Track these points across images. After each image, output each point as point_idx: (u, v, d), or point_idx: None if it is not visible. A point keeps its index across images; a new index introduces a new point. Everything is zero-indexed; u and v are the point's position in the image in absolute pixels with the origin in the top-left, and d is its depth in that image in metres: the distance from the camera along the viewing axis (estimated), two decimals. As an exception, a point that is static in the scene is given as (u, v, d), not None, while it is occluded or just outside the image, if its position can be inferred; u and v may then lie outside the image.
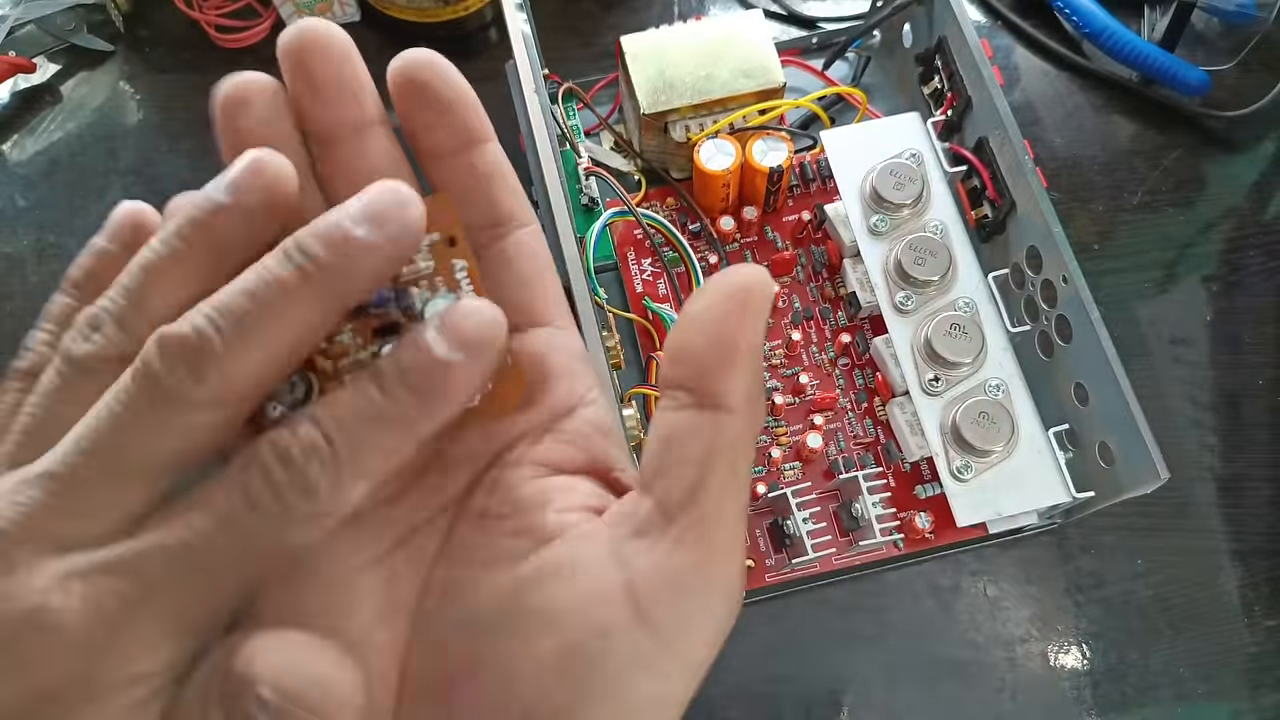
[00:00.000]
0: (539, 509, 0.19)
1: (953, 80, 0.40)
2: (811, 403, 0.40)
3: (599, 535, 0.18)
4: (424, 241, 0.19)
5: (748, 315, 0.17)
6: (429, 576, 0.19)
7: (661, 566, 0.17)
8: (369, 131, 0.20)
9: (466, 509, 0.19)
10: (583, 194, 0.43)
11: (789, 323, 0.42)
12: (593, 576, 0.17)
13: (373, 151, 0.20)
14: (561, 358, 0.20)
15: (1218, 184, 0.46)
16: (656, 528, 0.17)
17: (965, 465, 0.35)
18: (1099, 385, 0.35)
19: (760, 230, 0.44)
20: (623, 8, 0.51)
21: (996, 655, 0.38)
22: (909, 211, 0.38)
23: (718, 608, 0.17)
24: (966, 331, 0.36)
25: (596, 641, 0.16)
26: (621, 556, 0.17)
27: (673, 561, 0.17)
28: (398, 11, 0.49)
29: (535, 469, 0.19)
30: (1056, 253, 0.36)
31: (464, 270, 0.19)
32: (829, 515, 0.39)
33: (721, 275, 0.17)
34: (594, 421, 0.20)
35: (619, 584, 0.17)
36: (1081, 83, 0.49)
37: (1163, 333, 0.43)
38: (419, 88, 0.19)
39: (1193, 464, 0.41)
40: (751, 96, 0.41)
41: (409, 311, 0.19)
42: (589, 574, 0.17)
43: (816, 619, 0.38)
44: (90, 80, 0.50)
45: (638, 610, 0.17)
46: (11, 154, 0.48)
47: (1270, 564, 0.39)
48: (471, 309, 0.17)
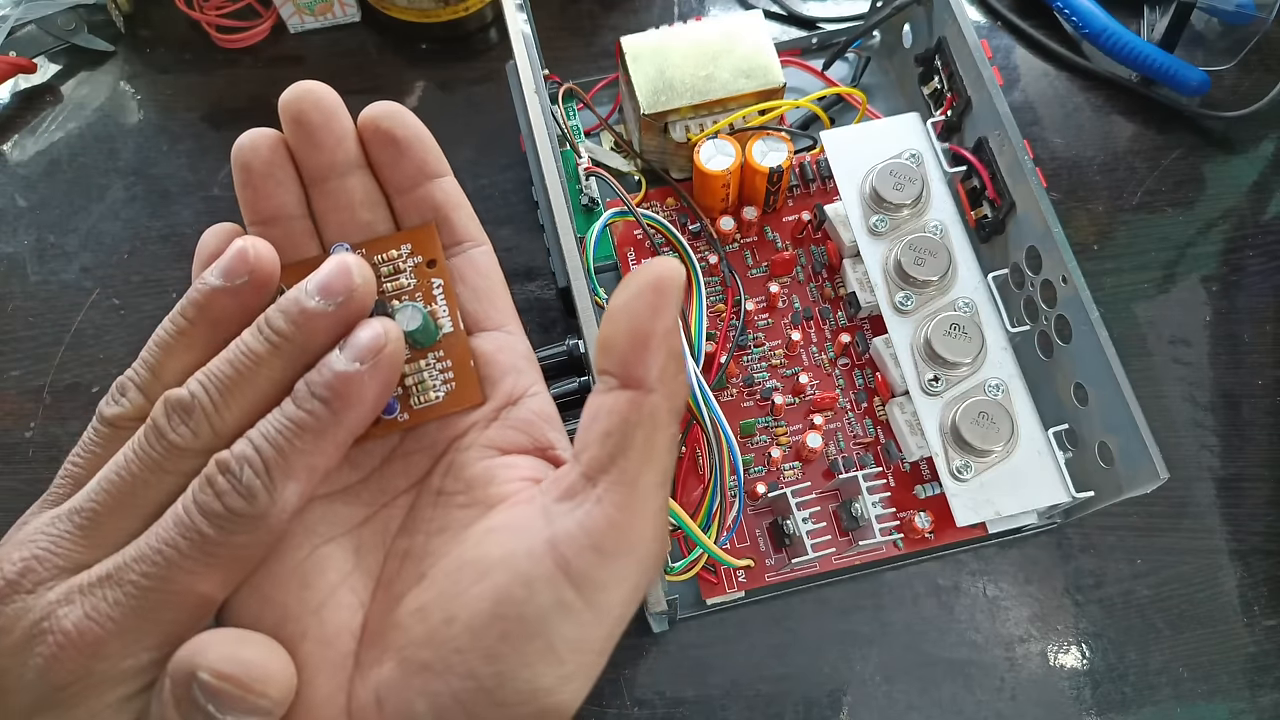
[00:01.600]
0: (485, 484, 0.22)
1: (952, 81, 0.40)
2: (811, 403, 0.40)
3: (533, 500, 0.21)
4: (409, 264, 0.24)
5: (660, 306, 0.19)
6: (392, 546, 0.23)
7: (582, 524, 0.19)
8: (352, 173, 0.24)
9: (426, 488, 0.23)
10: (583, 194, 0.43)
11: (789, 323, 0.42)
12: (522, 532, 0.20)
13: (355, 188, 0.24)
14: (509, 357, 0.24)
15: (1217, 184, 0.46)
16: (581, 491, 0.20)
17: (965, 465, 0.35)
18: (1099, 385, 0.35)
19: (760, 230, 0.44)
20: (623, 8, 0.51)
21: (996, 655, 0.38)
22: (909, 212, 0.38)
23: (633, 564, 0.20)
24: (966, 331, 0.36)
25: (521, 588, 0.19)
26: (549, 516, 0.20)
27: (593, 519, 0.19)
28: (398, 12, 0.49)
29: (484, 451, 0.23)
30: (1056, 253, 0.36)
31: (440, 287, 0.24)
32: (829, 515, 0.39)
33: (637, 271, 0.20)
34: (536, 410, 0.24)
35: (544, 539, 0.20)
36: (1081, 83, 0.49)
37: (1163, 333, 0.43)
38: (382, 132, 0.24)
39: (1192, 464, 0.41)
40: (751, 97, 0.41)
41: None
42: (518, 530, 0.20)
43: (816, 619, 0.38)
44: (91, 80, 0.50)
45: (560, 562, 0.19)
46: (12, 154, 0.48)
47: (1270, 564, 0.39)
48: (366, 326, 0.21)
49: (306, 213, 0.24)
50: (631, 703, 0.37)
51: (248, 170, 0.23)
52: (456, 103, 0.49)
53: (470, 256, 0.25)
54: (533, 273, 0.45)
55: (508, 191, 0.47)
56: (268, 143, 0.23)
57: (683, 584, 0.37)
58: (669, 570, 0.35)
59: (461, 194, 0.25)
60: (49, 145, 0.49)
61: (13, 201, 0.47)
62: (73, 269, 0.46)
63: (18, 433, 0.42)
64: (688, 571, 0.36)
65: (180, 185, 0.47)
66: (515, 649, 0.19)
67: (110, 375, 0.43)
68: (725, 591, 0.37)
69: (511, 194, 0.47)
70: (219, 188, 0.47)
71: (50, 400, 0.43)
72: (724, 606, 0.38)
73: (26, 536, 0.20)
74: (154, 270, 0.46)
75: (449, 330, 0.24)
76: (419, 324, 0.23)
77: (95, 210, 0.47)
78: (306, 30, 0.50)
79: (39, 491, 0.21)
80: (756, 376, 0.41)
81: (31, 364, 0.44)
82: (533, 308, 0.44)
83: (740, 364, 0.41)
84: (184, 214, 0.47)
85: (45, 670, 0.19)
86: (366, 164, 0.24)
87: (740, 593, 0.37)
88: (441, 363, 0.24)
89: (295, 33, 0.50)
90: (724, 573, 0.38)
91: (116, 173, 0.48)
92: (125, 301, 0.45)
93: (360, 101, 0.25)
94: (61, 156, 0.48)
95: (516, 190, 0.47)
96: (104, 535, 0.20)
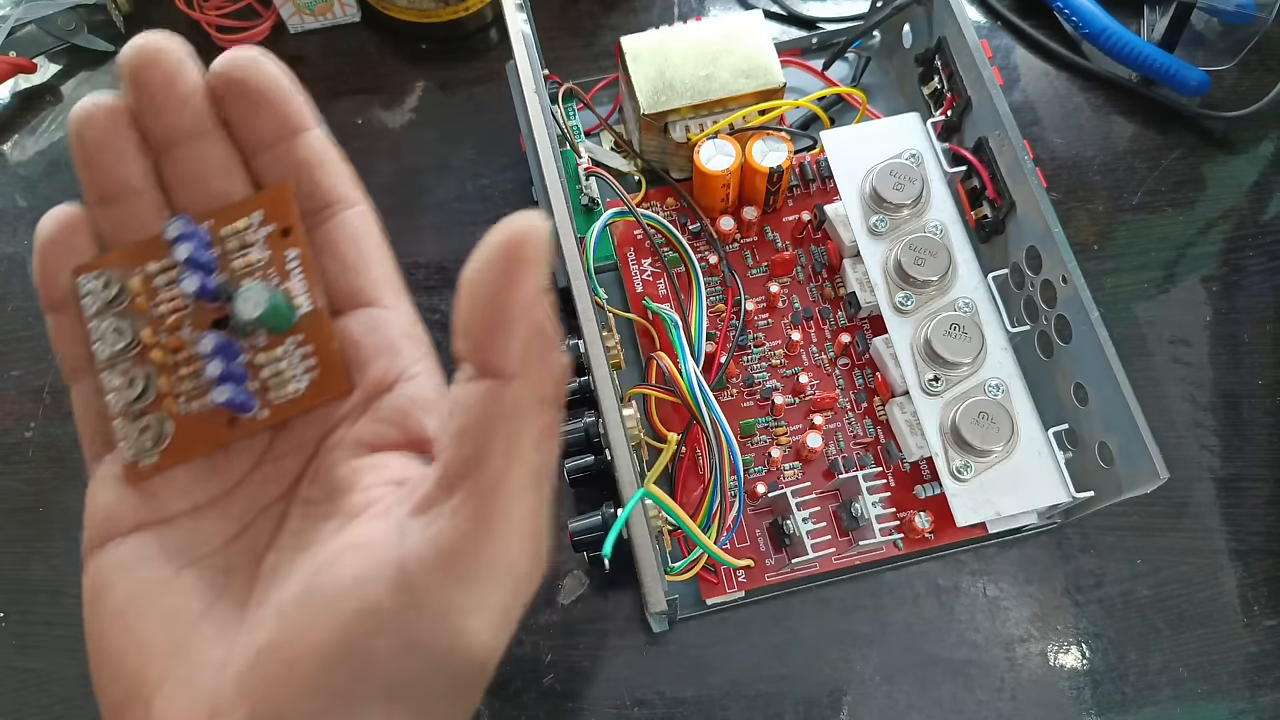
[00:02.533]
0: (348, 490, 0.19)
1: (952, 81, 0.40)
2: (811, 403, 0.40)
3: (389, 511, 0.18)
4: (260, 234, 0.21)
5: (519, 273, 0.16)
6: (262, 564, 0.20)
7: (434, 543, 0.16)
8: (204, 136, 0.21)
9: (295, 496, 0.20)
10: (583, 194, 0.43)
11: (789, 323, 0.42)
12: (371, 554, 0.17)
13: (208, 153, 0.21)
14: (380, 337, 0.21)
15: (1217, 184, 0.46)
16: (437, 502, 0.17)
17: (965, 465, 0.35)
18: (1099, 385, 0.35)
19: (760, 230, 0.44)
20: (623, 8, 0.51)
21: (996, 655, 0.38)
22: (909, 212, 0.38)
23: (491, 591, 0.17)
24: (966, 331, 0.36)
25: (368, 621, 0.16)
26: (401, 533, 0.17)
27: (445, 536, 0.16)
28: (398, 12, 0.49)
29: (352, 450, 0.20)
30: (1056, 253, 0.36)
31: (296, 259, 0.21)
32: (829, 515, 0.39)
33: (492, 231, 0.16)
34: (413, 396, 0.20)
35: (392, 562, 0.17)
36: (1081, 83, 0.49)
37: (1163, 333, 0.43)
38: (234, 84, 0.20)
39: (1192, 464, 0.41)
40: (751, 97, 0.41)
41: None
42: (368, 552, 0.17)
43: (816, 619, 0.38)
44: (91, 81, 0.50)
45: (407, 589, 0.16)
46: (12, 154, 0.48)
47: (1270, 564, 0.39)
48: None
49: (155, 184, 0.21)
50: (631, 703, 0.37)
51: (82, 143, 0.20)
52: (456, 103, 0.49)
53: (341, 220, 0.21)
54: (533, 273, 0.45)
55: (508, 191, 0.47)
56: (104, 110, 0.20)
57: (683, 584, 0.37)
58: (669, 570, 0.35)
59: (330, 148, 0.22)
60: (49, 145, 0.49)
61: (13, 201, 0.47)
62: (73, 269, 0.46)
63: (18, 433, 0.42)
64: (688, 571, 0.36)
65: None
66: (362, 690, 0.16)
67: (110, 375, 0.43)
68: (725, 591, 0.37)
69: (511, 194, 0.47)
70: (219, 188, 0.47)
71: (50, 400, 0.43)
72: (724, 606, 0.38)
73: None
74: (154, 270, 0.45)
75: (307, 309, 0.21)
76: (265, 307, 0.20)
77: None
78: (306, 30, 0.50)
79: (39, 491, 0.21)
80: (756, 376, 0.41)
81: (31, 364, 0.44)
82: (533, 308, 0.44)
83: (740, 364, 0.41)
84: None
85: None
86: (222, 125, 0.21)
87: (740, 593, 0.37)
88: (302, 348, 0.20)
89: (295, 33, 0.50)
90: (724, 573, 0.38)
91: (116, 173, 0.48)
92: (125, 301, 0.45)
93: (360, 102, 0.24)
94: (61, 156, 0.48)
95: (516, 190, 0.47)
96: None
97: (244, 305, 0.20)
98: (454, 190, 0.47)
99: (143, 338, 0.21)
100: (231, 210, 0.21)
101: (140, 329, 0.21)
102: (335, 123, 0.46)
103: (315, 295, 0.21)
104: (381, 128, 0.48)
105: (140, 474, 0.21)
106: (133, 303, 0.21)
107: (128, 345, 0.21)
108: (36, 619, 0.39)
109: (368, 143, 0.47)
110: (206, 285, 0.20)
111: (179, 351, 0.21)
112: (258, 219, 0.21)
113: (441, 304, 0.44)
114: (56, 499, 0.39)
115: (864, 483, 0.36)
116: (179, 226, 0.20)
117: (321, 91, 0.49)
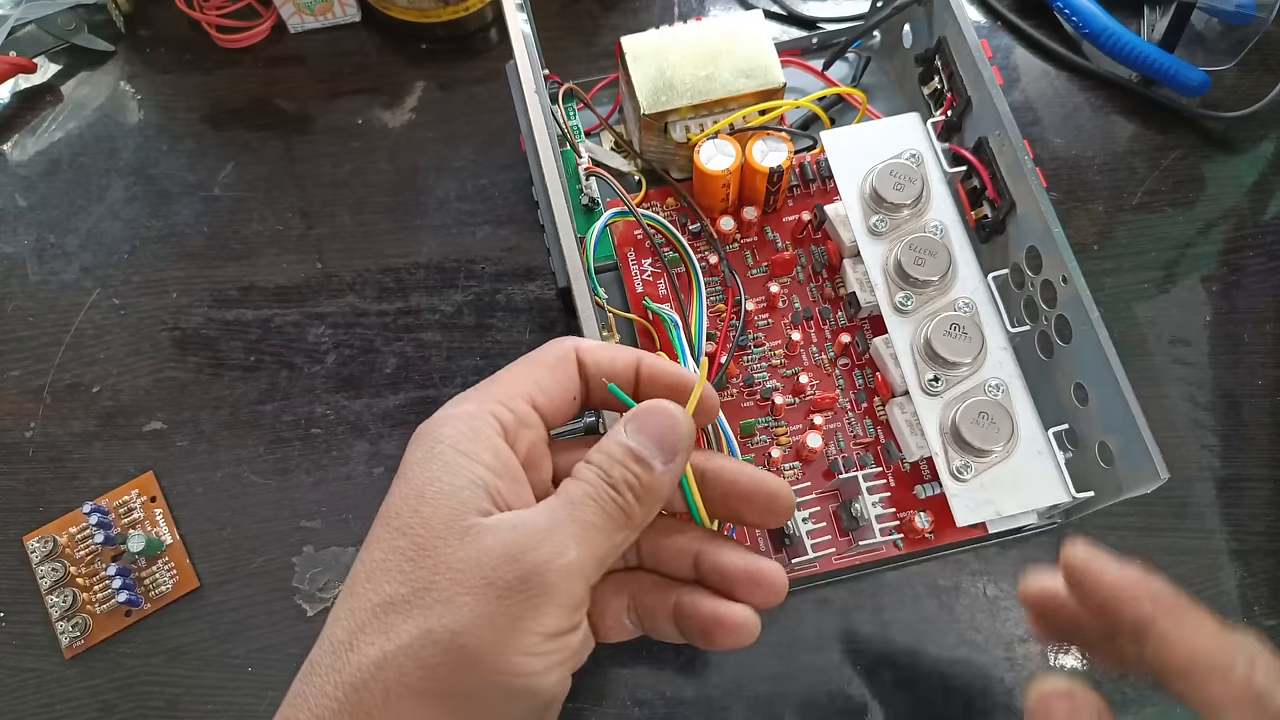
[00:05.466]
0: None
1: (952, 81, 0.40)
2: (811, 403, 0.40)
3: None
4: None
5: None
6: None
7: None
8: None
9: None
10: (583, 194, 0.43)
11: (789, 323, 0.42)
12: None
13: None
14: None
15: (1217, 184, 0.46)
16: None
17: (965, 465, 0.35)
18: (1099, 385, 0.35)
19: (760, 230, 0.44)
20: (623, 8, 0.51)
21: (996, 655, 0.38)
22: (909, 212, 0.38)
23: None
24: (966, 332, 0.36)
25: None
26: None
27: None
28: (398, 12, 0.49)
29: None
30: (1056, 253, 0.36)
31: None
32: (829, 515, 0.39)
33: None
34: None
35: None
36: (1081, 83, 0.49)
37: (1163, 333, 0.43)
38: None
39: (1192, 464, 0.41)
40: (751, 97, 0.41)
41: None
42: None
43: (816, 619, 0.38)
44: (91, 80, 0.50)
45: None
46: (12, 154, 0.48)
47: (1270, 564, 0.39)
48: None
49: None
50: (631, 703, 0.37)
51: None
52: (456, 103, 0.49)
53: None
54: (533, 273, 0.45)
55: (508, 191, 0.47)
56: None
57: (683, 584, 0.37)
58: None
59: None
60: (49, 145, 0.49)
61: (13, 201, 0.47)
62: (73, 269, 0.46)
63: (18, 433, 0.42)
64: (688, 571, 0.36)
65: (180, 185, 0.47)
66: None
67: (110, 375, 0.43)
68: (725, 591, 0.37)
69: (511, 194, 0.47)
70: (219, 188, 0.47)
71: (50, 400, 0.43)
72: (724, 606, 0.38)
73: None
74: (154, 270, 0.46)
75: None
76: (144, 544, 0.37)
77: (95, 210, 0.47)
78: (306, 30, 0.50)
79: (39, 491, 0.21)
80: (756, 376, 0.41)
81: (31, 364, 0.44)
82: (533, 308, 0.44)
83: (740, 364, 0.41)
84: (184, 214, 0.47)
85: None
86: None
87: (740, 593, 0.37)
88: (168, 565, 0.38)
89: (295, 33, 0.50)
90: (724, 573, 0.37)
91: (116, 173, 0.48)
92: (125, 301, 0.45)
93: (360, 102, 0.25)
94: (61, 156, 0.48)
95: (516, 190, 0.47)
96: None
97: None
98: (454, 190, 0.47)
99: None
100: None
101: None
102: (335, 123, 0.47)
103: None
104: (381, 128, 0.48)
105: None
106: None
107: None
108: (36, 619, 0.39)
109: (368, 143, 0.47)
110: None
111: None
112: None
113: (442, 304, 0.45)
114: (57, 499, 0.40)
115: (864, 483, 0.36)
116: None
117: (321, 91, 0.50)
